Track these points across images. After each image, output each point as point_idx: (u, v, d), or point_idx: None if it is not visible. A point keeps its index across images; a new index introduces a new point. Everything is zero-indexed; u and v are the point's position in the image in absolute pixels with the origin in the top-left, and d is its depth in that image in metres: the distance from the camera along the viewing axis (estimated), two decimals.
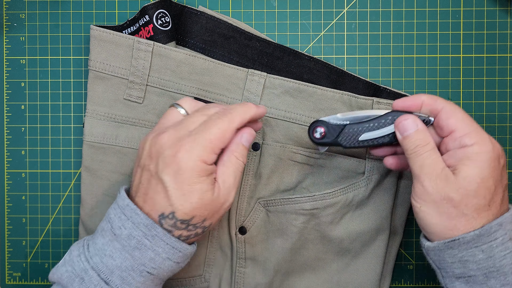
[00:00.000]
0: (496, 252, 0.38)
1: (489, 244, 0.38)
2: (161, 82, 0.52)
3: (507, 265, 0.38)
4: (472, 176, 0.38)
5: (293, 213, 0.52)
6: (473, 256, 0.38)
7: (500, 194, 0.39)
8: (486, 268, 0.38)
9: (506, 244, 0.38)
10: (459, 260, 0.39)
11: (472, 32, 0.55)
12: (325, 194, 0.51)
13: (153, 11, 0.51)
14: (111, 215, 0.42)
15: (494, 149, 0.39)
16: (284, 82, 0.52)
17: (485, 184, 0.38)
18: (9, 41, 0.57)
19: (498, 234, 0.38)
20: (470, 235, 0.38)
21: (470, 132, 0.40)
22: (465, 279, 0.39)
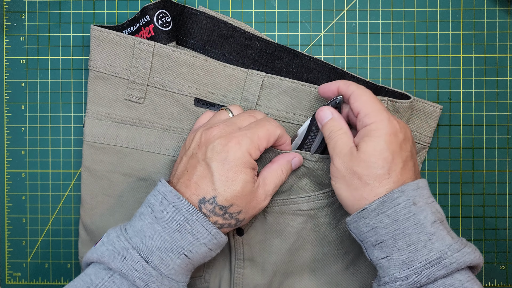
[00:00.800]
0: (400, 215, 0.42)
1: (393, 209, 0.42)
2: (161, 83, 0.52)
3: (410, 227, 0.42)
4: (369, 150, 0.43)
5: (290, 214, 0.52)
6: (380, 221, 0.42)
7: (399, 164, 0.43)
8: (392, 231, 0.42)
9: (409, 208, 0.42)
10: (371, 228, 0.43)
11: (472, 32, 0.55)
12: (322, 194, 0.51)
13: (153, 11, 0.51)
14: (152, 200, 0.44)
15: (390, 125, 0.44)
16: (282, 82, 0.52)
17: (381, 156, 0.43)
18: (9, 41, 0.57)
19: (400, 200, 0.42)
20: (376, 202, 0.42)
21: (370, 113, 0.44)
22: (378, 245, 0.43)
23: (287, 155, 0.49)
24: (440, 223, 0.42)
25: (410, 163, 0.44)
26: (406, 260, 0.42)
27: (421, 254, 0.41)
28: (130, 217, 0.54)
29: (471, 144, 0.56)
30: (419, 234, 0.42)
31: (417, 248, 0.41)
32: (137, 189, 0.54)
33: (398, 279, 0.42)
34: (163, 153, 0.53)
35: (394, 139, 0.43)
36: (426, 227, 0.42)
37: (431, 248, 0.41)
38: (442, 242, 0.41)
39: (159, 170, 0.53)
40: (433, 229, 0.42)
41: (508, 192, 0.56)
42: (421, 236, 0.42)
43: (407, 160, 0.44)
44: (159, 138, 0.53)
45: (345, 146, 0.45)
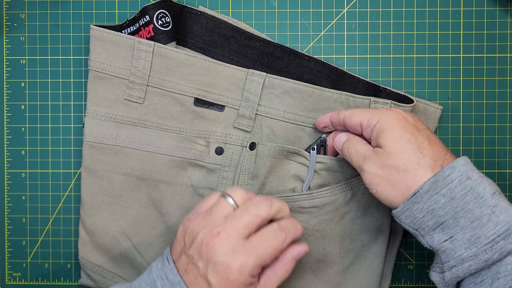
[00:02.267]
0: (457, 192, 0.40)
1: (448, 187, 0.40)
2: (161, 83, 0.52)
3: (470, 202, 0.40)
4: (390, 140, 0.43)
5: (291, 211, 0.52)
6: (436, 202, 0.41)
7: (425, 141, 0.42)
8: (452, 210, 0.40)
9: (464, 183, 0.40)
10: (427, 212, 0.41)
11: (472, 32, 0.55)
12: (323, 191, 0.51)
13: (153, 12, 0.51)
14: (158, 284, 0.42)
15: (395, 114, 0.44)
16: (283, 82, 0.52)
17: (404, 139, 0.42)
18: (9, 41, 0.57)
19: (453, 176, 0.40)
20: (427, 183, 0.41)
21: (371, 116, 0.45)
22: (439, 227, 0.41)
23: (290, 251, 0.45)
24: (499, 195, 0.40)
25: (434, 138, 0.43)
26: (472, 238, 0.40)
27: (487, 228, 0.39)
28: (130, 217, 0.54)
29: (471, 144, 0.56)
30: (481, 208, 0.40)
31: (482, 223, 0.39)
32: (137, 189, 0.54)
33: (466, 259, 0.40)
34: (163, 153, 0.53)
35: (406, 123, 0.43)
36: (487, 200, 0.40)
37: (496, 221, 0.39)
38: (507, 213, 0.39)
39: (159, 170, 0.53)
40: (494, 201, 0.40)
41: (508, 192, 0.56)
42: (484, 210, 0.40)
43: (429, 136, 0.43)
44: (159, 138, 0.53)
45: (366, 151, 0.45)
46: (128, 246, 0.54)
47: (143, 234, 0.54)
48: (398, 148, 0.42)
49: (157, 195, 0.54)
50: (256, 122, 0.53)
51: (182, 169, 0.53)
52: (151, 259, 0.55)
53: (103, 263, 0.55)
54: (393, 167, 0.42)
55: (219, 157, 0.54)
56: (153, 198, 0.54)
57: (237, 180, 0.53)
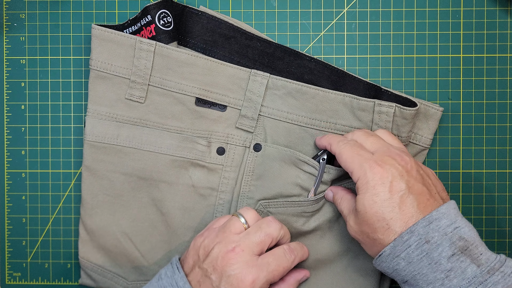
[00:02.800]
0: (413, 257, 0.41)
1: (406, 252, 0.42)
2: (163, 82, 0.52)
3: (424, 267, 0.41)
4: (361, 209, 0.44)
5: (294, 216, 0.52)
6: (398, 264, 0.42)
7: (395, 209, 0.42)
8: (410, 273, 0.42)
9: (421, 247, 0.41)
10: (393, 270, 0.43)
11: (472, 32, 0.55)
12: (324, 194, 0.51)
13: (155, 11, 0.51)
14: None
15: (372, 176, 0.44)
16: (286, 83, 0.52)
17: (372, 211, 0.43)
18: (9, 41, 0.57)
19: (411, 241, 0.41)
20: (388, 248, 0.42)
21: (353, 171, 0.45)
22: (406, 283, 0.43)
23: (296, 274, 0.50)
24: (462, 253, 0.41)
25: (409, 200, 0.43)
26: None
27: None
28: (130, 217, 0.54)
29: (471, 144, 0.56)
30: (435, 273, 0.41)
31: (435, 287, 0.41)
32: (138, 189, 0.54)
33: None
34: (164, 152, 0.53)
35: (380, 188, 0.43)
36: (441, 265, 0.40)
37: (449, 285, 0.40)
38: (462, 276, 0.40)
39: (160, 169, 0.53)
40: (450, 264, 0.40)
41: (508, 192, 0.56)
42: (437, 275, 0.41)
43: (403, 201, 0.43)
44: (160, 137, 0.53)
45: (346, 210, 0.47)
46: (129, 246, 0.54)
47: (143, 233, 0.54)
48: (366, 219, 0.43)
49: (158, 195, 0.54)
50: (258, 122, 0.53)
51: (183, 169, 0.53)
52: (152, 258, 0.55)
53: (104, 262, 0.55)
54: (365, 234, 0.44)
55: (221, 157, 0.54)
56: (154, 197, 0.54)
57: (240, 180, 0.53)
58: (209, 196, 0.54)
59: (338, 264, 0.53)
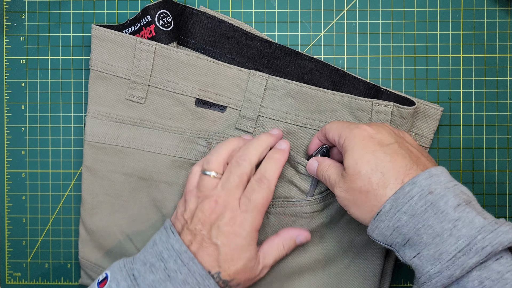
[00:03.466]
0: (417, 208, 0.40)
1: (408, 204, 0.40)
2: (163, 83, 0.52)
3: (430, 218, 0.39)
4: (351, 162, 0.43)
5: (293, 216, 0.52)
6: (399, 220, 0.40)
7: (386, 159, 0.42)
8: (414, 227, 0.40)
9: (425, 198, 0.40)
10: (393, 229, 0.41)
11: (472, 32, 0.55)
12: (324, 196, 0.51)
13: (155, 12, 0.51)
14: (164, 255, 0.44)
15: (359, 132, 0.44)
16: (285, 84, 0.52)
17: (363, 161, 0.42)
18: (9, 41, 0.57)
19: (413, 192, 0.40)
20: (388, 202, 0.41)
21: (341, 133, 0.45)
22: (407, 244, 0.41)
23: (292, 231, 0.50)
24: (467, 205, 0.39)
25: (401, 151, 0.42)
26: (435, 254, 0.39)
27: (449, 244, 0.38)
28: (131, 217, 0.54)
29: (471, 144, 0.56)
30: (442, 223, 0.39)
31: (443, 238, 0.39)
32: (138, 189, 0.54)
33: (432, 276, 0.39)
34: (164, 153, 0.53)
35: (369, 142, 0.43)
36: (448, 214, 0.39)
37: (458, 235, 0.38)
38: (471, 226, 0.38)
39: (160, 170, 0.53)
40: (457, 214, 0.39)
41: (508, 192, 0.56)
42: (445, 225, 0.39)
43: (394, 150, 0.42)
44: (160, 138, 0.53)
45: (335, 175, 0.46)
46: (129, 246, 0.54)
47: (143, 234, 0.54)
48: (357, 171, 0.42)
49: (158, 195, 0.54)
50: (258, 123, 0.53)
51: (183, 169, 0.53)
52: None
53: (104, 263, 0.55)
54: (356, 189, 0.43)
55: None
56: (154, 198, 0.54)
57: None
58: None
59: (338, 265, 0.53)
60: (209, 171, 0.47)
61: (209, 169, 0.47)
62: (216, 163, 0.47)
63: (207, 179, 0.47)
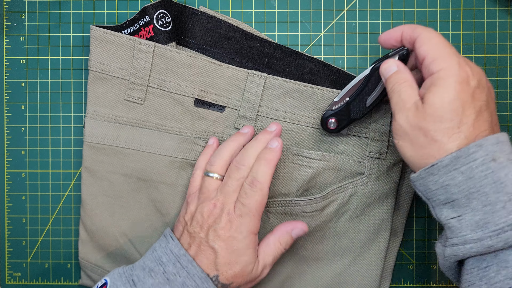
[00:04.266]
0: (476, 172, 0.38)
1: (468, 166, 0.38)
2: (162, 83, 0.52)
3: (487, 185, 0.38)
4: (436, 101, 0.39)
5: (293, 215, 0.52)
6: (453, 179, 0.39)
7: (471, 116, 0.39)
8: (467, 190, 0.38)
9: (487, 164, 0.38)
10: (441, 186, 0.39)
11: (472, 32, 0.55)
12: (325, 195, 0.51)
13: (153, 12, 0.51)
14: (163, 259, 0.44)
15: (460, 72, 0.39)
16: (284, 83, 0.52)
17: (450, 107, 0.39)
18: (9, 41, 0.57)
19: (477, 155, 0.38)
20: (448, 157, 0.38)
21: (437, 58, 0.40)
22: (449, 204, 0.40)
23: (286, 226, 0.49)
24: None
25: (486, 114, 0.40)
26: (480, 222, 0.38)
27: (499, 216, 0.37)
28: (130, 218, 0.54)
29: None
30: (498, 194, 0.37)
31: (495, 209, 0.37)
32: (138, 190, 0.54)
33: (469, 241, 0.38)
34: (163, 154, 0.53)
35: (465, 87, 0.39)
36: (507, 186, 0.37)
37: (511, 210, 0.37)
38: None
39: (159, 171, 0.53)
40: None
41: None
42: (500, 196, 0.37)
43: (481, 111, 0.39)
44: (160, 139, 0.53)
45: (409, 99, 0.41)
46: (128, 247, 0.54)
47: (143, 235, 0.54)
48: (438, 114, 0.39)
49: (158, 196, 0.54)
50: (257, 122, 0.53)
51: (183, 170, 0.53)
52: None
53: (103, 263, 0.55)
54: (424, 130, 0.39)
55: None
56: (154, 199, 0.54)
57: None
58: None
59: (338, 264, 0.53)
60: (212, 173, 0.48)
61: (212, 171, 0.48)
62: (219, 165, 0.48)
63: (209, 181, 0.47)
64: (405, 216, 0.54)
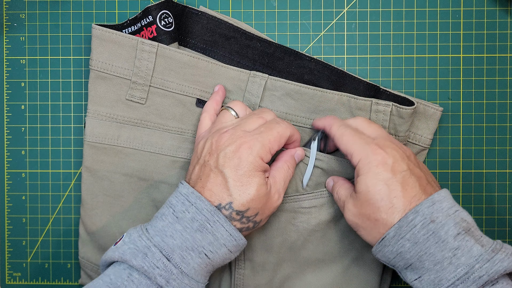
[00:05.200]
0: (419, 237, 0.41)
1: (411, 232, 0.42)
2: (164, 83, 0.52)
3: (431, 246, 0.41)
4: (363, 189, 0.44)
5: (291, 212, 0.52)
6: (402, 246, 0.42)
7: (397, 189, 0.43)
8: (416, 254, 0.42)
9: (427, 227, 0.41)
10: (396, 254, 0.43)
11: (472, 32, 0.55)
12: (323, 191, 0.51)
13: (156, 12, 0.51)
14: (173, 201, 0.44)
15: (374, 157, 0.44)
16: (285, 84, 0.52)
17: (375, 189, 0.43)
18: (9, 41, 0.57)
19: (416, 221, 0.41)
20: (392, 229, 0.42)
21: (353, 153, 0.45)
22: (409, 267, 0.43)
23: (289, 150, 0.50)
24: (466, 233, 0.41)
25: (411, 180, 0.43)
26: (435, 280, 0.41)
27: (448, 271, 0.41)
28: (130, 218, 0.54)
29: (471, 144, 0.56)
30: (443, 252, 0.41)
31: (443, 266, 0.41)
32: (138, 190, 0.54)
33: None
34: (164, 153, 0.53)
35: (382, 168, 0.43)
36: (448, 243, 0.41)
37: (457, 264, 0.40)
38: (469, 255, 0.40)
39: (160, 170, 0.53)
40: (457, 243, 0.41)
41: (508, 192, 0.56)
42: (445, 253, 0.41)
43: (405, 181, 0.43)
44: (161, 138, 0.53)
45: (346, 197, 0.47)
46: None
47: None
48: (368, 198, 0.43)
49: (158, 196, 0.54)
50: None
51: (184, 170, 0.53)
52: None
53: None
54: (365, 216, 0.44)
55: None
56: (154, 198, 0.54)
57: None
58: None
59: (339, 264, 0.53)
60: (232, 109, 0.49)
61: (231, 106, 0.49)
62: (241, 105, 0.50)
63: (225, 113, 0.49)
64: None
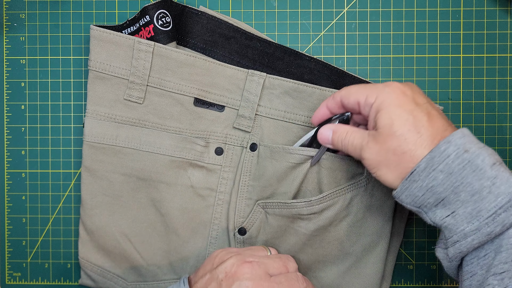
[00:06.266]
0: (454, 166, 0.39)
1: (445, 162, 0.39)
2: (161, 83, 0.52)
3: (468, 175, 0.39)
4: (387, 121, 0.41)
5: (290, 217, 0.51)
6: (435, 179, 0.40)
7: (424, 118, 0.41)
8: (451, 185, 0.39)
9: (462, 156, 0.39)
10: (427, 189, 0.40)
11: (472, 32, 0.55)
12: (322, 197, 0.50)
13: (153, 12, 0.51)
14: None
15: (392, 89, 0.42)
16: (283, 82, 0.52)
17: (401, 119, 0.41)
18: (9, 41, 0.57)
19: (450, 151, 0.39)
20: (423, 161, 0.40)
21: (368, 93, 0.43)
22: (440, 203, 0.40)
23: None
24: (500, 165, 0.39)
25: (435, 112, 0.41)
26: (473, 212, 0.39)
27: (488, 201, 0.38)
28: (130, 218, 0.54)
29: None
30: (481, 180, 0.38)
31: (482, 195, 0.38)
32: (137, 190, 0.54)
33: (469, 234, 0.39)
34: (162, 153, 0.53)
35: (404, 98, 0.41)
36: (486, 171, 0.38)
37: (497, 192, 0.38)
38: (508, 184, 0.38)
39: (159, 170, 0.53)
40: (494, 172, 0.38)
41: None
42: (484, 182, 0.38)
43: (429, 111, 0.41)
44: (159, 138, 0.53)
45: (361, 138, 0.43)
46: (128, 247, 0.54)
47: (142, 234, 0.54)
48: (394, 130, 0.41)
49: (157, 196, 0.54)
50: (256, 122, 0.53)
51: (182, 169, 0.53)
52: (150, 259, 0.55)
53: (103, 263, 0.55)
54: (390, 150, 0.41)
55: (219, 157, 0.54)
56: (153, 198, 0.54)
57: (238, 181, 0.53)
58: (208, 197, 0.54)
59: (339, 267, 0.53)
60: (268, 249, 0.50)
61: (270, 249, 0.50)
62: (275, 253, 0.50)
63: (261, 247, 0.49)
64: (406, 216, 0.54)
